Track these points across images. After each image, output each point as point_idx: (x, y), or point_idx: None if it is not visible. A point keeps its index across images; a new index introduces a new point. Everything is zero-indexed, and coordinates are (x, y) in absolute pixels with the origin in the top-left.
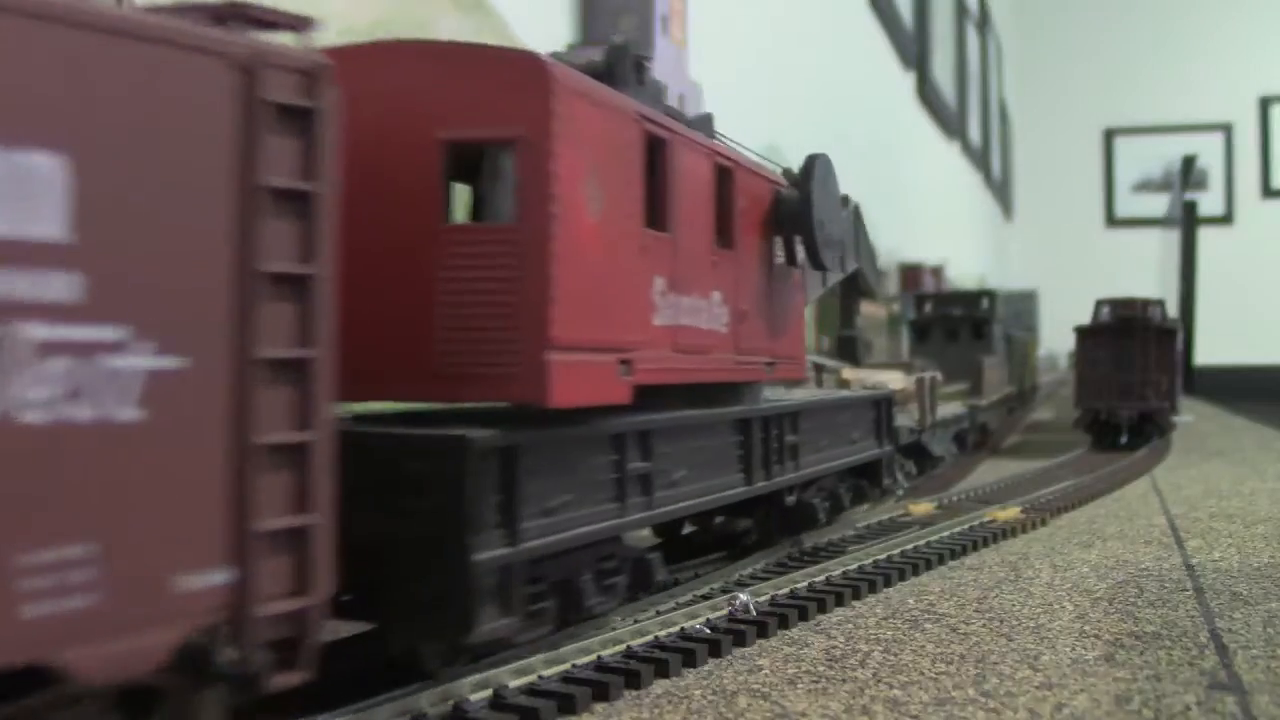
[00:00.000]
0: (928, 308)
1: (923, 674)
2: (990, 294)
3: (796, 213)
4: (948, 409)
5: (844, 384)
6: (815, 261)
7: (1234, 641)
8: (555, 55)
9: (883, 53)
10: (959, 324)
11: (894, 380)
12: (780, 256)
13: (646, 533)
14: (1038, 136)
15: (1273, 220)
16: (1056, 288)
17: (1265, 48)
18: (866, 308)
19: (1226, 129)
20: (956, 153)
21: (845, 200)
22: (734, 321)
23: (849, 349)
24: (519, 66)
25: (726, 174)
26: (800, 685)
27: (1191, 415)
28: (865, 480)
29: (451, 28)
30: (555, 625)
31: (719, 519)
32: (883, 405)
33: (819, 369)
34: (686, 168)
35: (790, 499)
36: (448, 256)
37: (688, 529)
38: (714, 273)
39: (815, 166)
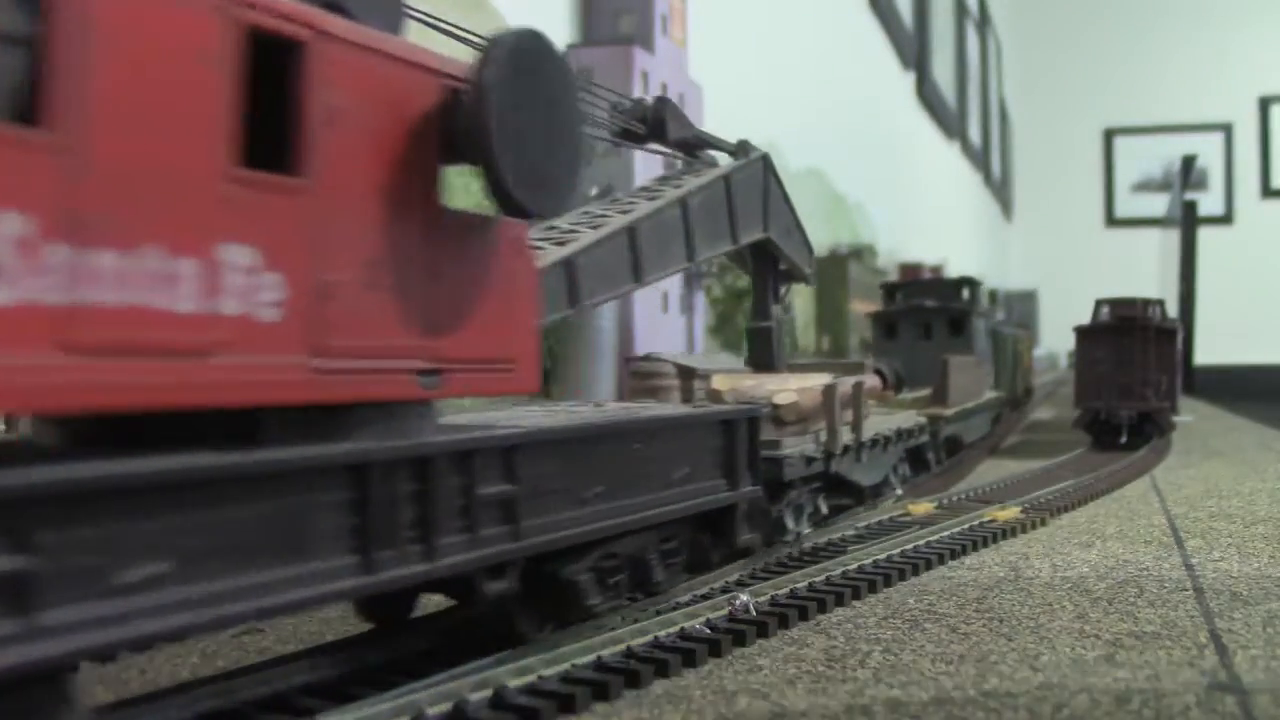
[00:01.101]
0: (898, 298)
1: (923, 674)
2: (971, 282)
3: (469, 124)
4: (891, 422)
5: (715, 395)
6: (502, 201)
7: (1234, 641)
8: None
9: (883, 53)
10: (933, 317)
11: (787, 390)
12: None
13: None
14: (1038, 136)
15: (1273, 220)
16: (1056, 288)
17: (1265, 48)
18: (855, 305)
19: (1226, 129)
20: (956, 153)
21: (748, 149)
22: (305, 300)
23: (761, 345)
24: None
25: (282, 50)
26: (800, 685)
27: (1191, 415)
28: (711, 536)
29: None
30: None
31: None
32: (740, 428)
33: (686, 374)
34: (114, 23)
35: (499, 585)
36: None
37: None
38: (224, 213)
39: (496, 50)
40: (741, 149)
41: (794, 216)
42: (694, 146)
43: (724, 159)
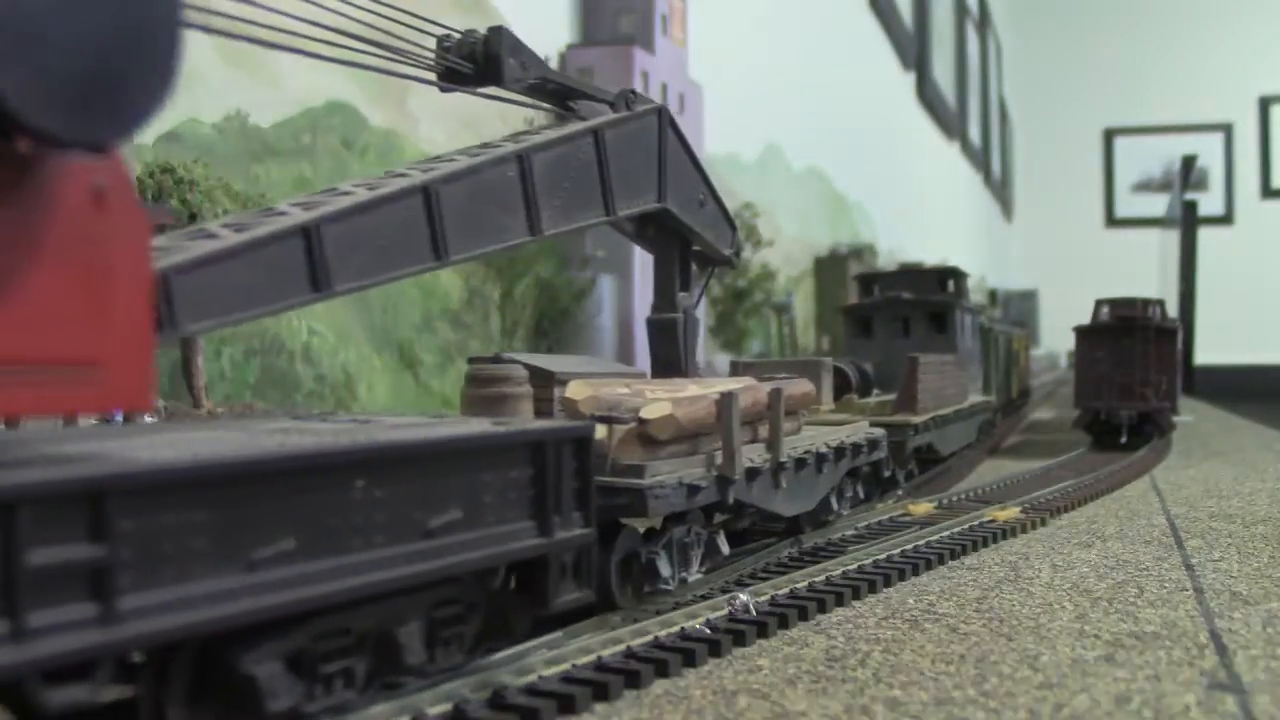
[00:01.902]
0: (875, 291)
1: (923, 674)
2: (956, 273)
3: None
4: (833, 435)
5: (570, 407)
6: (13, 123)
7: (1234, 641)
8: None
9: (883, 53)
10: (911, 312)
11: (662, 401)
12: None
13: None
14: (1038, 136)
15: (1273, 220)
16: (1056, 288)
17: (1265, 48)
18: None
19: (1226, 129)
20: (956, 153)
21: (631, 100)
22: None
23: (665, 342)
24: None
25: None
26: (800, 685)
27: (1191, 415)
28: (518, 597)
29: (452, 27)
30: None
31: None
32: (558, 453)
33: (541, 379)
34: None
35: (72, 692)
36: None
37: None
38: None
39: None
40: (623, 100)
41: (706, 185)
42: (560, 95)
43: None
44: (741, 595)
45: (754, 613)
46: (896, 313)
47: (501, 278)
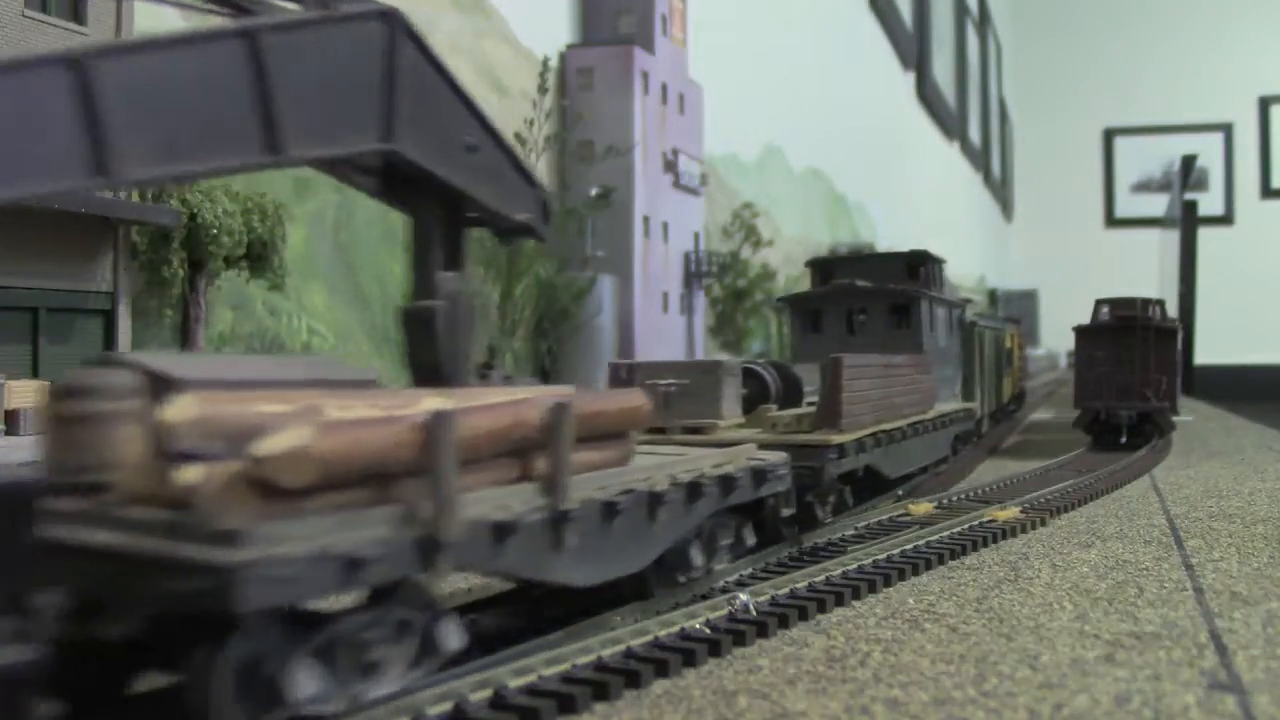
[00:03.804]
0: (837, 278)
1: (923, 674)
2: (926, 258)
3: None
4: (688, 465)
5: (163, 433)
6: None
7: (1234, 641)
8: None
9: (883, 53)
10: (869, 302)
11: (307, 423)
12: None
13: None
14: (1038, 136)
15: (1273, 220)
16: (1056, 288)
17: (1265, 48)
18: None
19: (1226, 129)
20: (956, 153)
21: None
22: None
23: (419, 340)
24: None
25: None
26: (800, 685)
27: (1191, 415)
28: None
29: (452, 27)
30: None
31: None
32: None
33: (158, 387)
34: None
35: None
36: None
37: None
38: None
39: None
40: (373, 18)
41: (482, 126)
42: None
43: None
44: (741, 595)
45: (754, 613)
46: (850, 304)
47: (501, 278)
